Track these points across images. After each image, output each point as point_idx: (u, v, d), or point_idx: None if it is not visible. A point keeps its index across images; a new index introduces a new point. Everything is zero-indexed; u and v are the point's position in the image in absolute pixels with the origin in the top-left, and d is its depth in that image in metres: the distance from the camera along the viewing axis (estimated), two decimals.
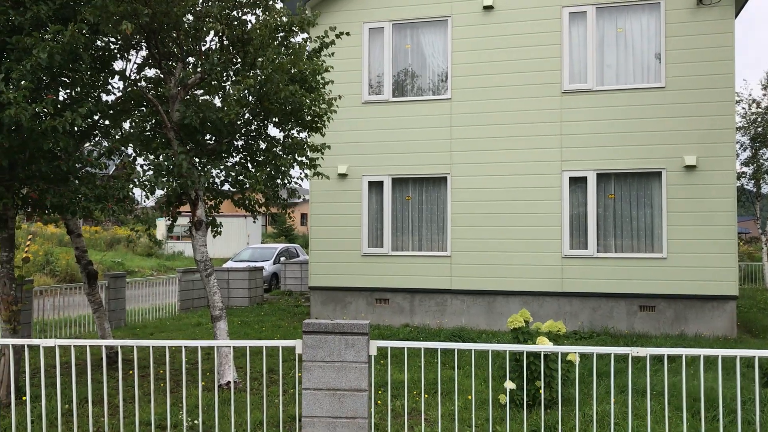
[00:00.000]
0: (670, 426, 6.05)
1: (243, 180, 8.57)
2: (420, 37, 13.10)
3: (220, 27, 7.60)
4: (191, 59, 8.33)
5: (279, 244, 27.91)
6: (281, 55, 7.96)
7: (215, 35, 7.99)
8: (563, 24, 12.25)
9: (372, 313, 12.97)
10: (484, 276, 12.42)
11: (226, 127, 8.13)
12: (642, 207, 11.96)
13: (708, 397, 6.25)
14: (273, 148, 8.82)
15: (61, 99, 7.34)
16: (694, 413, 6.39)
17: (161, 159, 7.87)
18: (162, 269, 26.94)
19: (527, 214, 12.23)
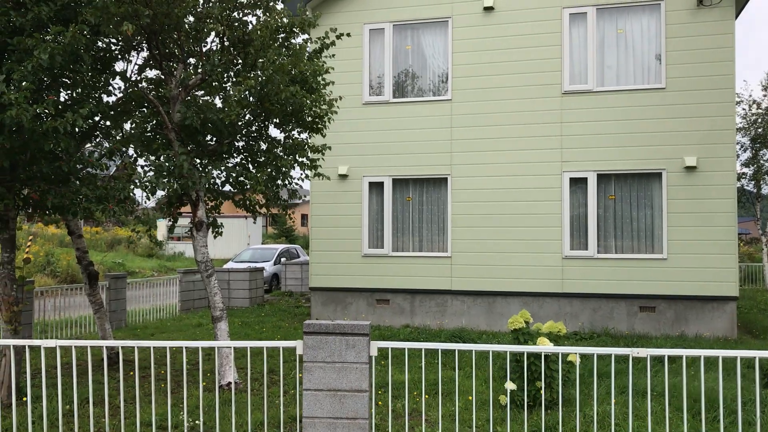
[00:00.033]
0: (670, 427, 6.05)
1: (244, 181, 8.58)
2: (420, 38, 13.11)
3: (220, 28, 7.61)
4: (192, 60, 8.34)
5: (279, 244, 27.90)
6: (282, 56, 7.97)
7: (216, 36, 8.00)
8: (564, 25, 12.26)
9: (372, 314, 12.97)
10: (484, 277, 12.42)
11: (226, 128, 8.14)
12: (642, 208, 11.97)
13: (708, 398, 6.25)
14: (274, 148, 8.83)
15: (62, 100, 7.36)
16: (694, 414, 6.39)
17: (162, 160, 7.88)
18: (163, 270, 26.94)
19: (527, 214, 12.24)
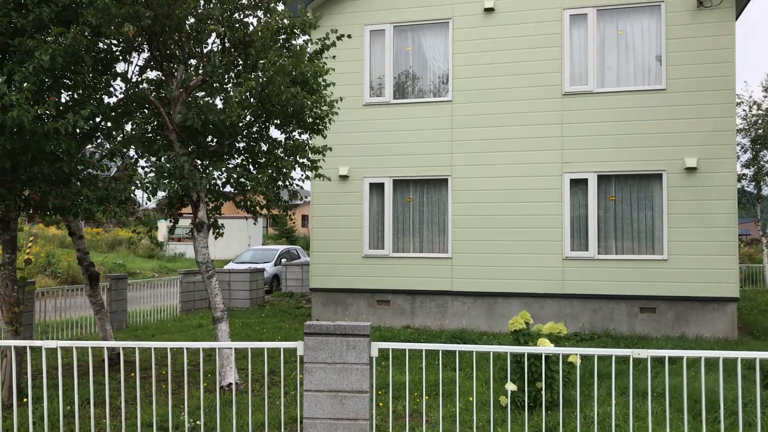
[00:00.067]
0: (671, 428, 6.05)
1: (244, 182, 8.58)
2: (421, 40, 13.12)
3: (221, 29, 7.62)
4: (193, 61, 8.35)
5: (280, 245, 27.90)
6: (283, 58, 7.97)
7: (217, 37, 8.01)
8: (564, 26, 12.26)
9: (373, 315, 12.97)
10: (484, 278, 12.42)
11: (227, 129, 8.14)
12: (643, 209, 11.97)
13: (709, 399, 6.25)
14: (274, 150, 8.84)
15: (64, 101, 7.38)
16: (695, 415, 6.39)
17: (163, 161, 7.89)
18: (163, 271, 26.95)
19: (528, 215, 12.24)
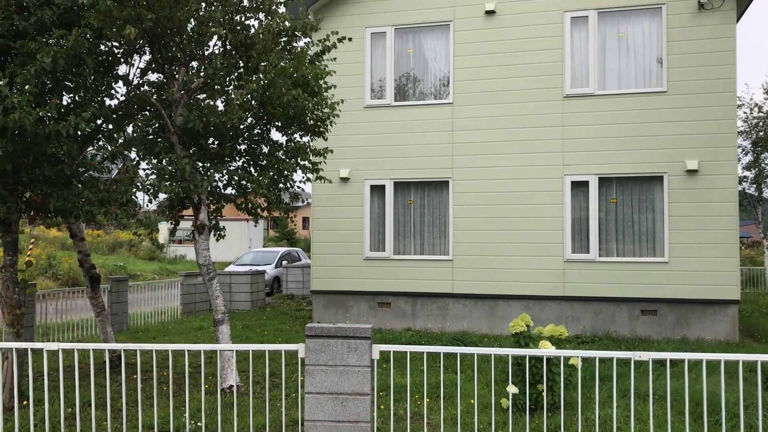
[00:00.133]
0: (672, 430, 6.04)
1: (246, 184, 8.59)
2: (422, 42, 13.13)
3: (223, 31, 7.63)
4: (194, 64, 8.36)
5: (281, 247, 27.90)
6: (284, 60, 7.98)
7: (218, 40, 8.02)
8: (565, 28, 12.27)
9: (374, 317, 12.97)
10: (485, 280, 12.41)
11: (228, 132, 8.15)
12: (644, 211, 11.96)
13: (710, 402, 6.25)
14: (276, 152, 8.85)
15: (65, 103, 7.39)
16: (696, 417, 6.38)
17: (164, 163, 7.90)
18: (164, 273, 26.96)
19: (529, 218, 12.24)
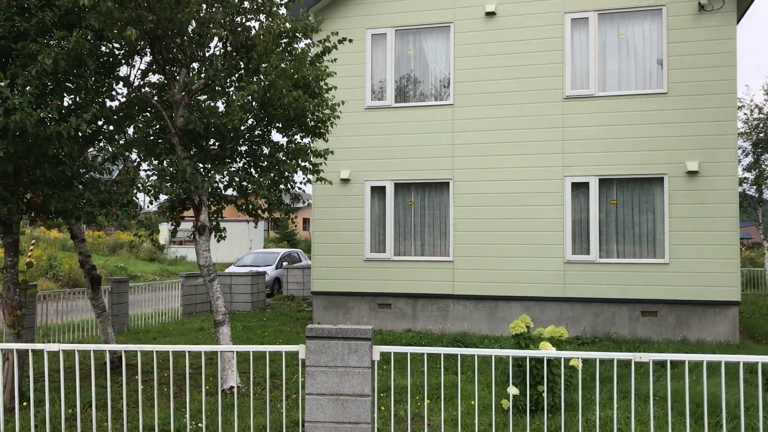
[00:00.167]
0: None
1: (246, 185, 8.60)
2: (422, 43, 13.14)
3: (224, 33, 7.63)
4: (195, 65, 8.36)
5: (281, 249, 27.91)
6: (285, 61, 7.99)
7: (219, 41, 8.02)
8: (565, 30, 12.28)
9: (374, 318, 12.97)
10: (486, 281, 12.42)
11: (229, 133, 8.16)
12: (644, 212, 11.97)
13: (711, 403, 6.25)
14: (276, 153, 8.85)
15: (66, 104, 7.39)
16: (697, 419, 6.38)
17: (165, 164, 7.90)
18: (165, 274, 26.97)
19: (529, 219, 12.24)
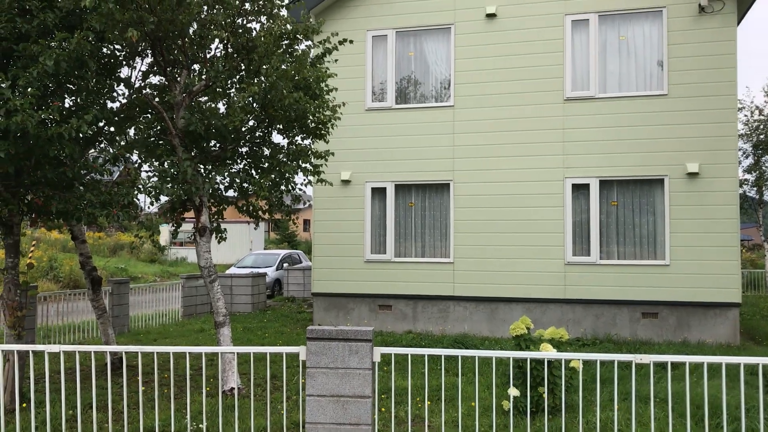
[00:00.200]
0: None
1: (247, 186, 8.61)
2: (423, 45, 13.15)
3: (225, 35, 7.65)
4: (196, 66, 8.37)
5: (282, 250, 27.92)
6: (285, 63, 8.00)
7: (220, 43, 8.04)
8: (566, 32, 12.29)
9: (375, 320, 12.97)
10: (486, 283, 12.42)
11: (230, 134, 8.16)
12: (645, 214, 11.97)
13: (712, 405, 6.25)
14: (277, 154, 8.86)
15: (67, 106, 7.40)
16: (697, 421, 6.38)
17: (166, 165, 7.91)
18: (165, 275, 26.97)
19: (530, 220, 12.24)
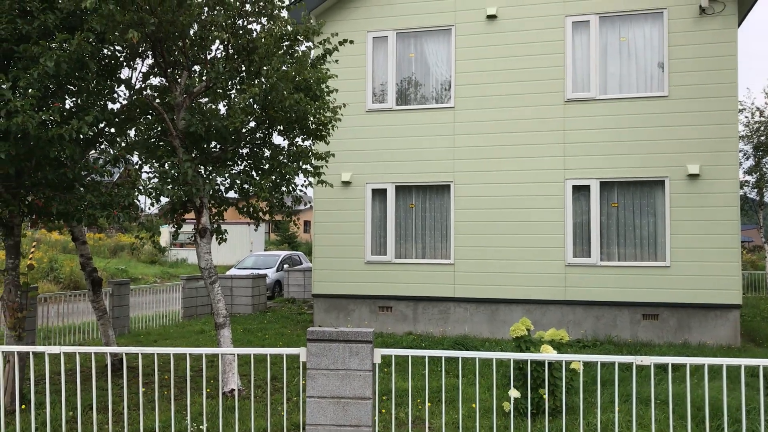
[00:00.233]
0: None
1: (248, 188, 8.60)
2: (423, 46, 13.16)
3: (225, 36, 7.65)
4: (197, 68, 8.38)
5: (282, 251, 27.93)
6: (286, 64, 8.00)
7: (221, 44, 8.04)
8: (566, 33, 12.29)
9: (375, 321, 12.97)
10: (487, 284, 12.41)
11: (231, 135, 8.17)
12: (645, 215, 11.96)
13: (712, 407, 6.25)
14: (278, 156, 8.86)
15: (68, 107, 7.40)
16: (698, 422, 6.37)
17: (167, 167, 7.91)
18: (165, 276, 26.97)
19: (530, 222, 12.24)
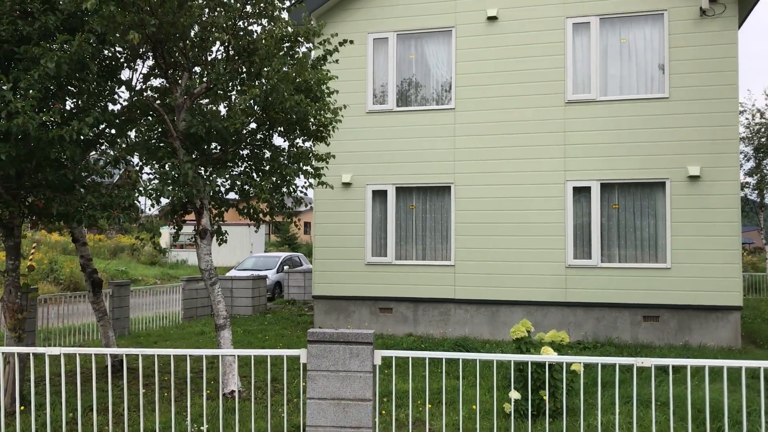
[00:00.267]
0: None
1: (248, 189, 8.60)
2: (424, 48, 13.16)
3: (226, 37, 7.65)
4: (197, 69, 8.38)
5: (282, 252, 27.92)
6: (287, 65, 8.00)
7: (221, 45, 8.04)
8: (567, 35, 12.29)
9: (375, 323, 12.96)
10: (487, 285, 12.40)
11: (231, 137, 8.16)
12: (646, 217, 11.96)
13: (713, 408, 6.24)
14: (278, 157, 8.86)
15: (68, 108, 7.40)
16: (699, 424, 6.36)
17: (167, 168, 7.91)
18: (166, 278, 26.97)
19: (531, 223, 12.23)
